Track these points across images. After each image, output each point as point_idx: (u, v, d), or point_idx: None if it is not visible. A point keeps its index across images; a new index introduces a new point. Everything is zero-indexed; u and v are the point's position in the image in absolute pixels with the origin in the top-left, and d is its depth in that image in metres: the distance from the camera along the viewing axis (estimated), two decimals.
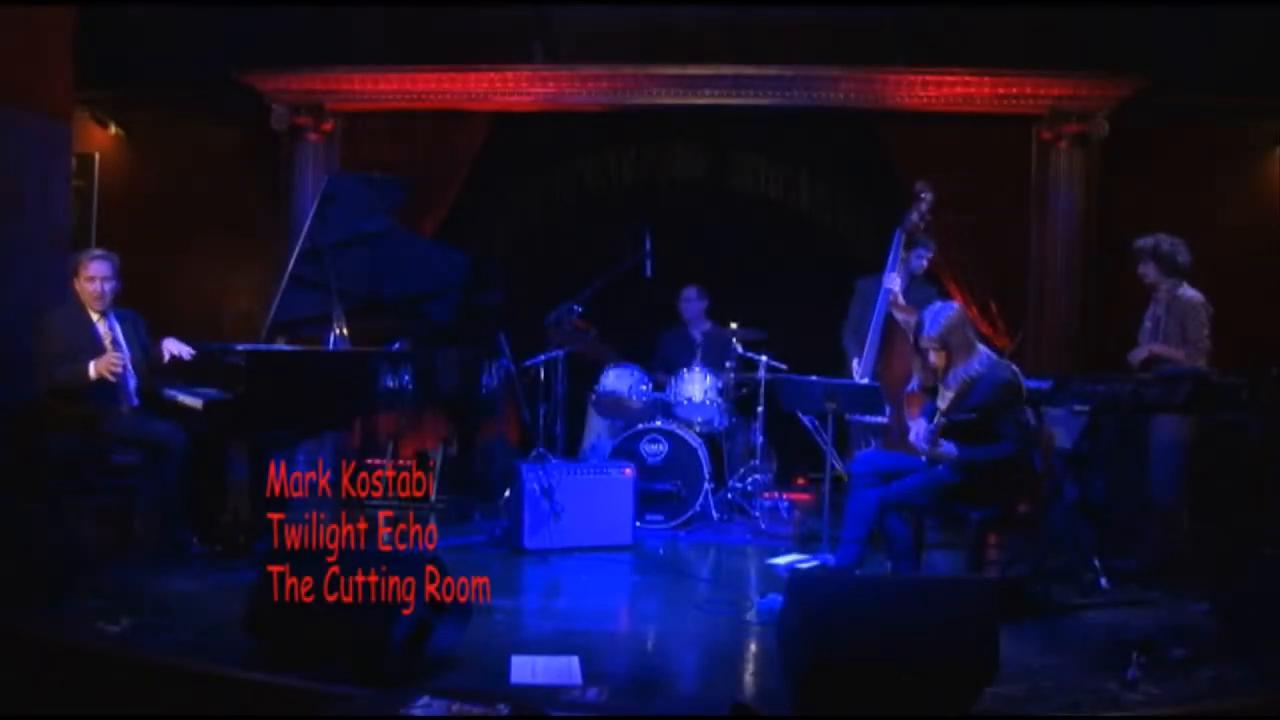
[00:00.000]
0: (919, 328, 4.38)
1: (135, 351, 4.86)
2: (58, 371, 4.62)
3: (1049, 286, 7.07)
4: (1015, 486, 4.34)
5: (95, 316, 4.78)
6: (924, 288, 5.90)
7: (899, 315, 5.68)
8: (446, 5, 7.00)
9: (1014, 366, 4.33)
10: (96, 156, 7.59)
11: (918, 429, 4.25)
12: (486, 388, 6.00)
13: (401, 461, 6.77)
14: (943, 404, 4.24)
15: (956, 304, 4.54)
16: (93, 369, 4.59)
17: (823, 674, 3.01)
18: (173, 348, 4.89)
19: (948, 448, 4.10)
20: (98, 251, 4.85)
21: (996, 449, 4.12)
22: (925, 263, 5.94)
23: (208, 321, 7.16)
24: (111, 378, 4.63)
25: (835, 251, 7.52)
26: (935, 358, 4.32)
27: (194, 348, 4.99)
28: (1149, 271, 5.18)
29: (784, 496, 6.25)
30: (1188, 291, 5.10)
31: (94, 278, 4.74)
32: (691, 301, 6.69)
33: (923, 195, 5.84)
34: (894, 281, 5.72)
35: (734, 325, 6.28)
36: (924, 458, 4.33)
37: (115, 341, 4.80)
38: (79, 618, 3.63)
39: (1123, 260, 7.14)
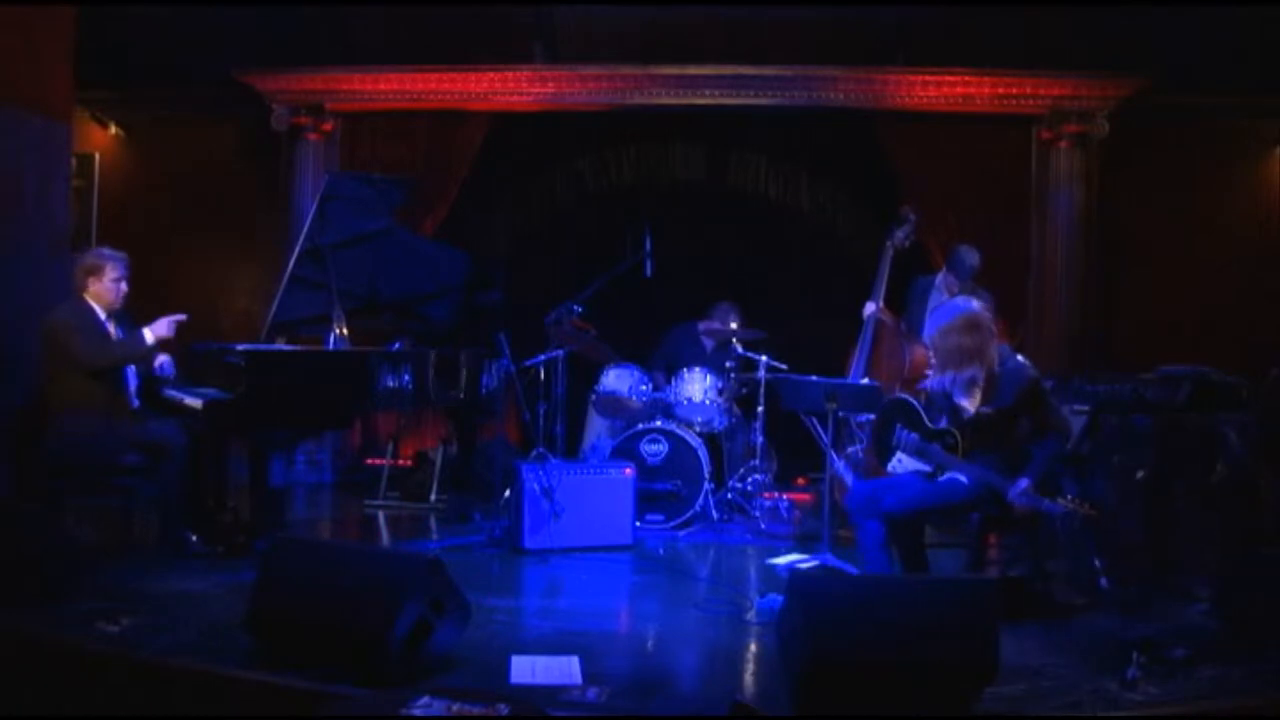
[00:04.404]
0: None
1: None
2: (105, 355, 4.61)
3: (1049, 286, 7.07)
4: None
5: (104, 316, 4.77)
6: (979, 290, 5.86)
7: (886, 319, 5.84)
8: (446, 5, 7.00)
9: (1029, 364, 4.22)
10: (96, 156, 7.60)
11: (1018, 487, 3.95)
12: (486, 388, 6.00)
13: (401, 461, 6.78)
14: (970, 403, 4.15)
15: (965, 305, 4.22)
16: (150, 335, 4.65)
17: (823, 674, 3.01)
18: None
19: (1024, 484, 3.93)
20: (117, 253, 4.82)
21: (1049, 450, 4.01)
22: (972, 268, 5.87)
23: (208, 321, 7.17)
24: (170, 333, 4.72)
25: (835, 251, 7.53)
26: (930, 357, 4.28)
27: (194, 347, 5.00)
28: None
29: (784, 496, 6.25)
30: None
31: (119, 279, 4.76)
32: (727, 318, 6.61)
33: (908, 217, 5.93)
34: (870, 308, 5.82)
35: (734, 325, 6.27)
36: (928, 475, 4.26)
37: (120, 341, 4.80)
38: (79, 618, 3.63)
39: (1123, 260, 7.20)
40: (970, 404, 4.16)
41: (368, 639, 3.15)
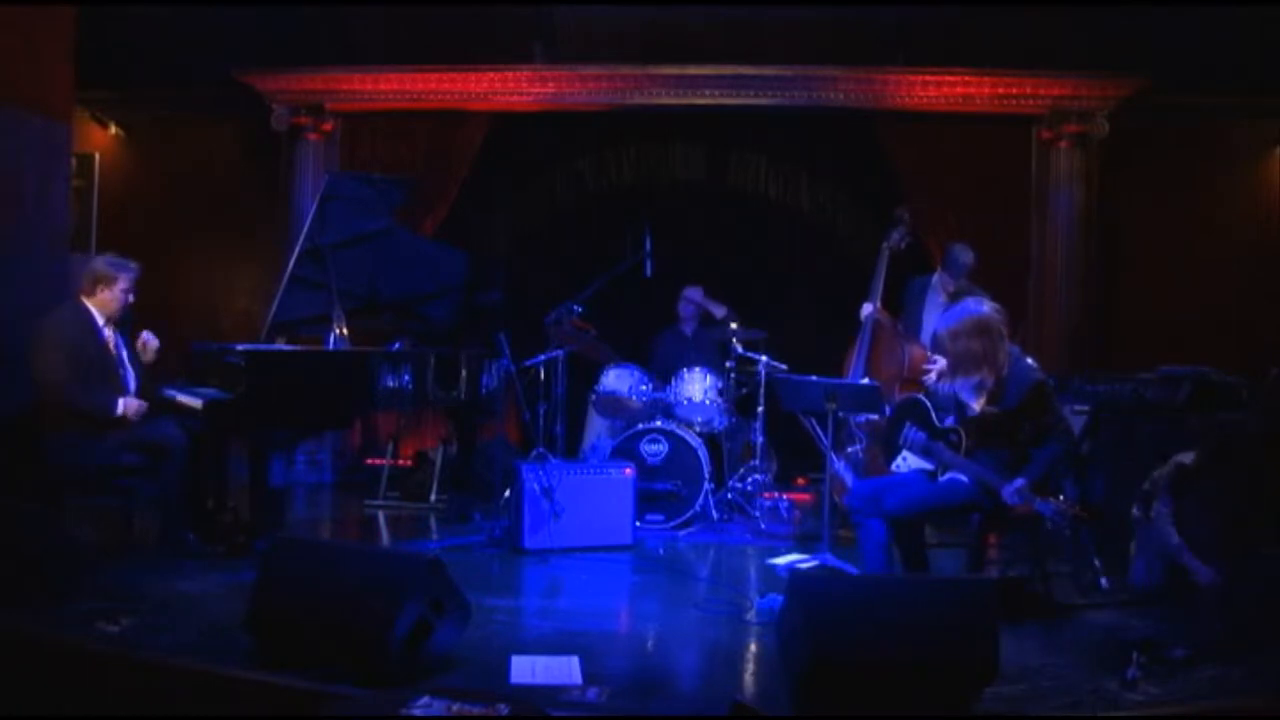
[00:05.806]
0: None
1: (133, 350, 4.86)
2: (82, 400, 4.55)
3: (1049, 286, 7.07)
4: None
5: (102, 322, 4.75)
6: (974, 289, 5.85)
7: (884, 320, 5.85)
8: (446, 5, 7.00)
9: (1037, 367, 4.22)
10: (96, 156, 7.61)
11: (1013, 485, 3.92)
12: (486, 388, 6.00)
13: (401, 461, 6.78)
14: (976, 402, 4.14)
15: (976, 308, 4.19)
16: (121, 406, 4.59)
17: (823, 674, 3.01)
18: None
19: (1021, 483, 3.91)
20: (130, 264, 4.79)
21: (1049, 453, 3.99)
22: (965, 266, 5.88)
23: (208, 321, 7.18)
24: (134, 419, 4.64)
25: (835, 251, 7.53)
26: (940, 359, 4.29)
27: (194, 347, 5.00)
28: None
29: (784, 496, 6.25)
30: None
31: (128, 290, 4.74)
32: (688, 303, 6.66)
33: (902, 218, 5.95)
34: (868, 309, 5.82)
35: (733, 325, 6.28)
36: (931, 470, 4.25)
37: (118, 346, 4.79)
38: (79, 618, 3.63)
39: (1123, 260, 7.21)
40: (977, 404, 4.16)
41: (368, 639, 3.15)
